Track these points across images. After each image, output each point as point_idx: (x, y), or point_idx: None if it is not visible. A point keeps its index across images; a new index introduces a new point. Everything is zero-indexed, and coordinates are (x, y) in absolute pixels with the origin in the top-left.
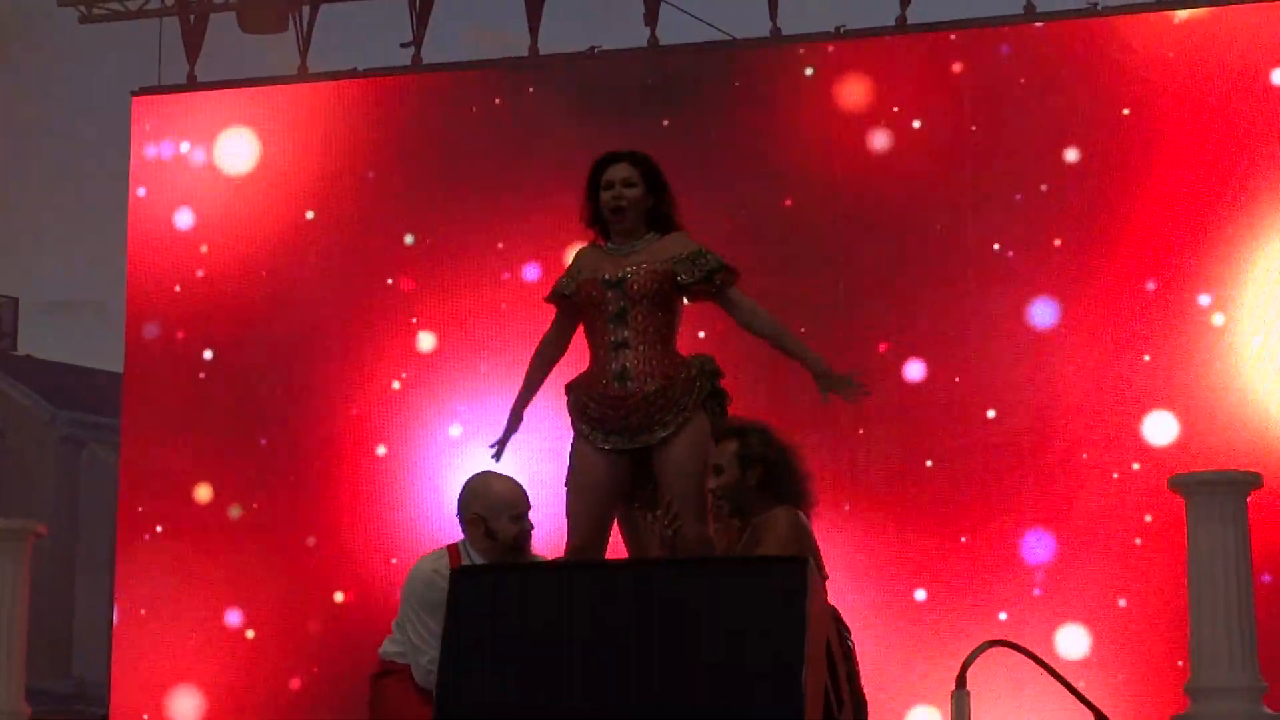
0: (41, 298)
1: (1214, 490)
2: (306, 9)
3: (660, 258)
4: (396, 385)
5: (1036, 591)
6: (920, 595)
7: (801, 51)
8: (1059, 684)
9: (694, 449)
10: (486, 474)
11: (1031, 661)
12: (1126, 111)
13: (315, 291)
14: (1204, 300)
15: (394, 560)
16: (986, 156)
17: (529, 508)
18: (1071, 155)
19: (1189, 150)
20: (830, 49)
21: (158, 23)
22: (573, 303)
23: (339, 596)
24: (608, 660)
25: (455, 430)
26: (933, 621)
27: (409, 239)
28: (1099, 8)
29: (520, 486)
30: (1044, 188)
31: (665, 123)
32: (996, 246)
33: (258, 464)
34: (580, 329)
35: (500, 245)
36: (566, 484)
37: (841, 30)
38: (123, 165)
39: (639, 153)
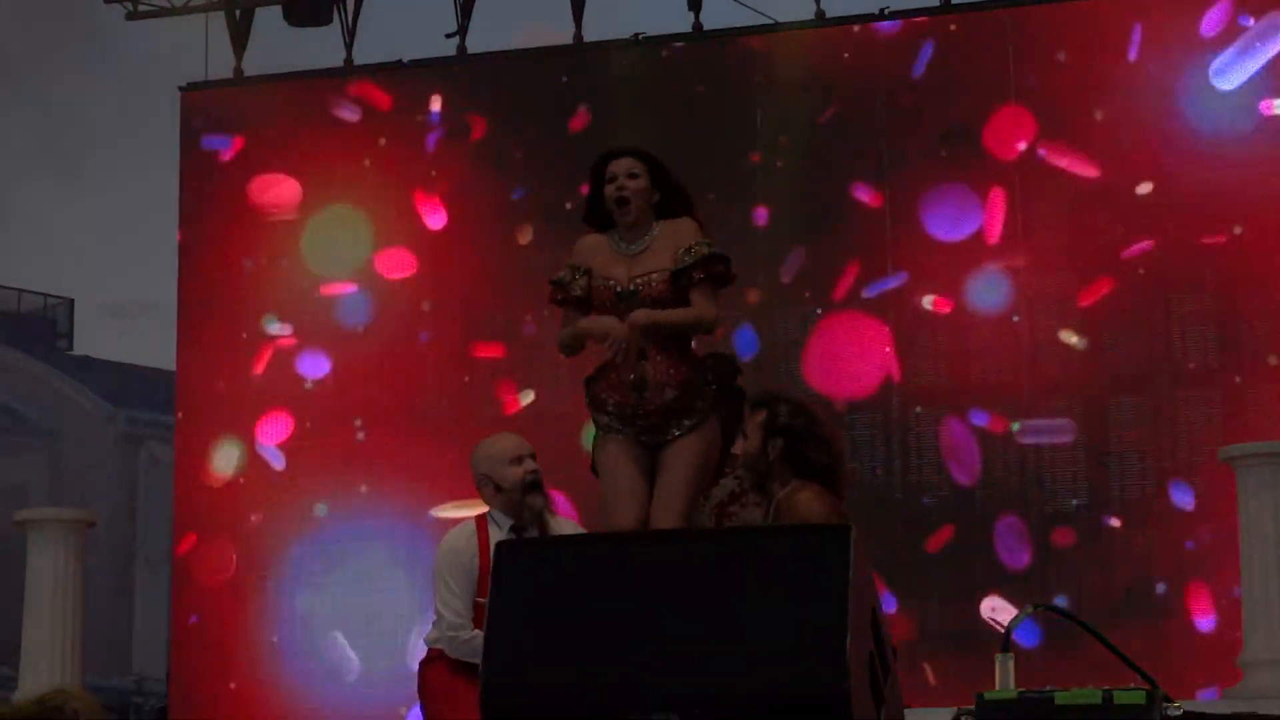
0: (97, 298)
1: (1263, 461)
2: (350, 1)
3: (666, 256)
4: None
5: None
6: None
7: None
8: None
9: (698, 449)
10: (483, 440)
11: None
12: None
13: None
14: None
15: None
16: None
17: (530, 451)
18: None
19: None
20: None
21: (204, 18)
22: (585, 302)
23: None
24: (651, 632)
25: None
26: None
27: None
28: None
29: (514, 435)
30: None
31: None
32: None
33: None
34: None
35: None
36: (594, 470)
37: None
38: (174, 161)
39: (642, 148)
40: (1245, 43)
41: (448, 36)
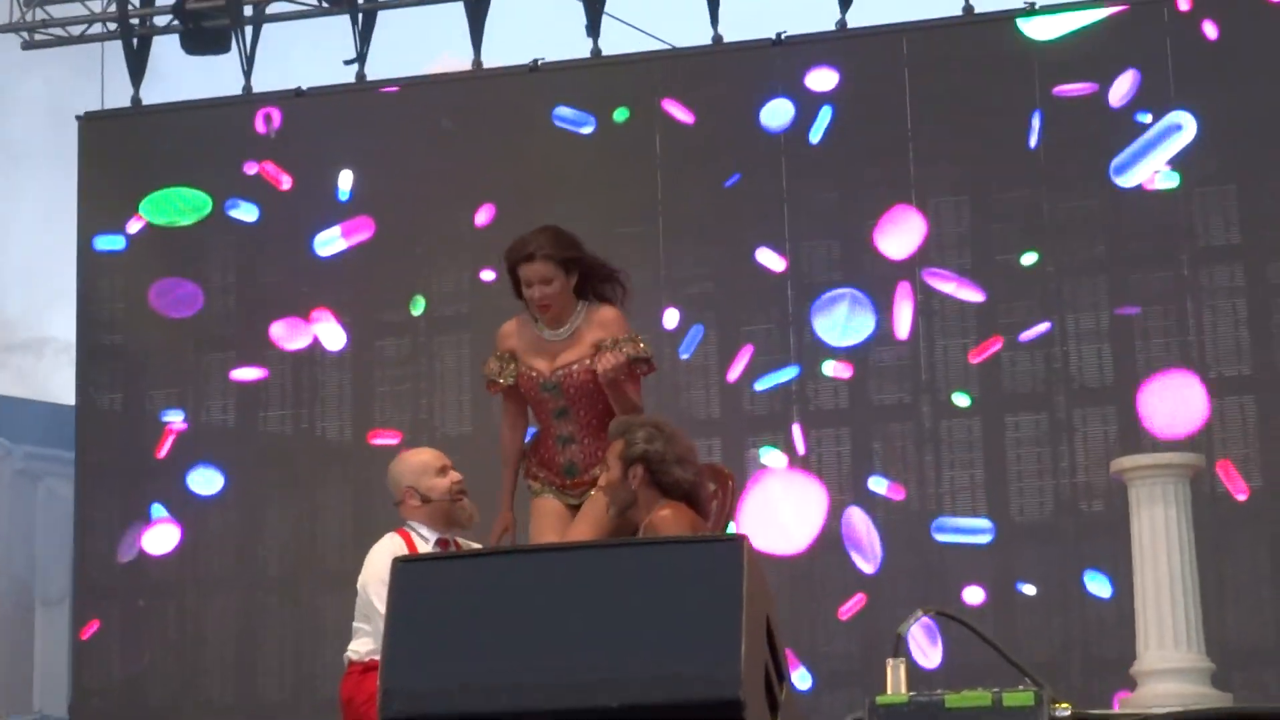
0: None
1: (1155, 475)
2: (249, 29)
3: (586, 350)
4: None
5: None
6: None
7: None
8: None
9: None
10: (398, 456)
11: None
12: None
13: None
14: None
15: None
16: None
17: (450, 463)
18: None
19: None
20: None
21: (100, 47)
22: (515, 389)
23: None
24: (547, 643)
25: None
26: None
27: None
28: None
29: (431, 449)
30: None
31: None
32: None
33: None
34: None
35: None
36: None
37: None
38: (71, 191)
39: (544, 244)
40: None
41: (346, 64)
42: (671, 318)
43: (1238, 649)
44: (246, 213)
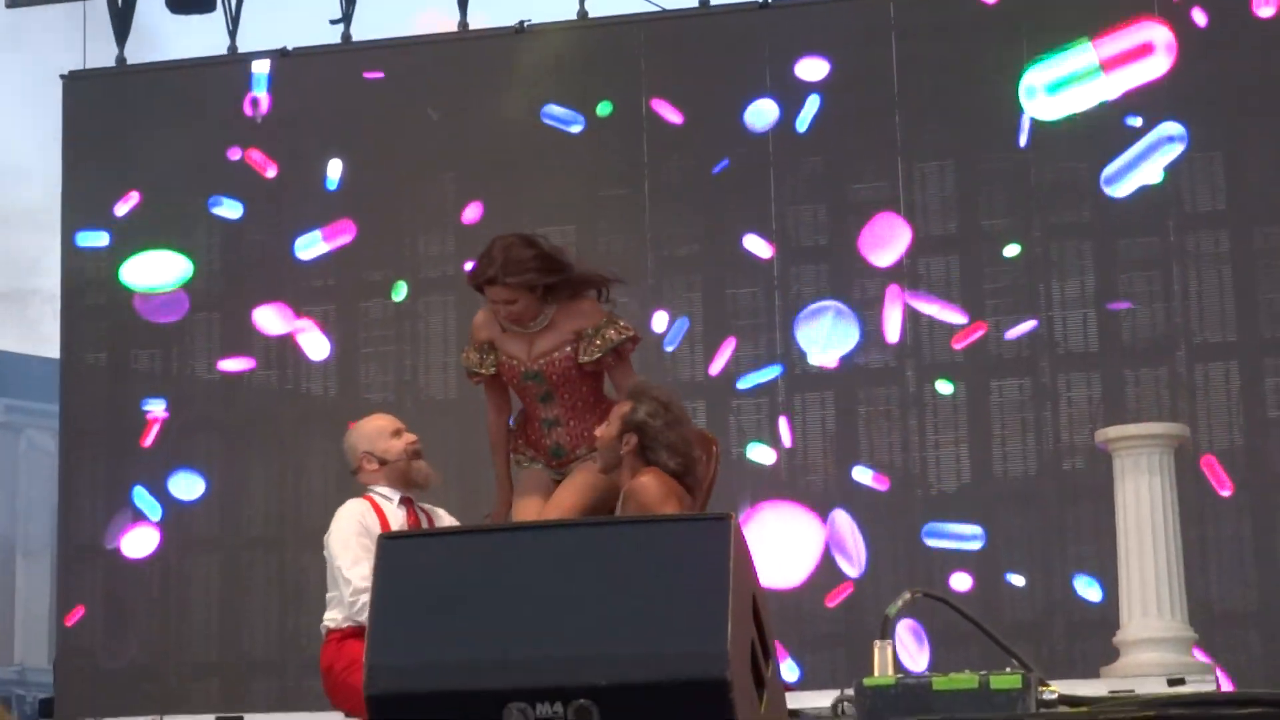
0: None
1: (1140, 445)
2: None
3: (566, 336)
4: None
5: None
6: None
7: None
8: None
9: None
10: (355, 424)
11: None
12: None
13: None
14: None
15: None
16: None
17: (403, 425)
18: None
19: None
20: None
21: (83, 6)
22: (498, 378)
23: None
24: (533, 620)
25: None
26: None
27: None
28: None
29: (386, 415)
30: None
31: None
32: None
33: None
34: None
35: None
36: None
37: None
38: (56, 149)
39: (499, 268)
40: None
41: (333, 23)
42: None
43: (1221, 613)
44: (230, 210)
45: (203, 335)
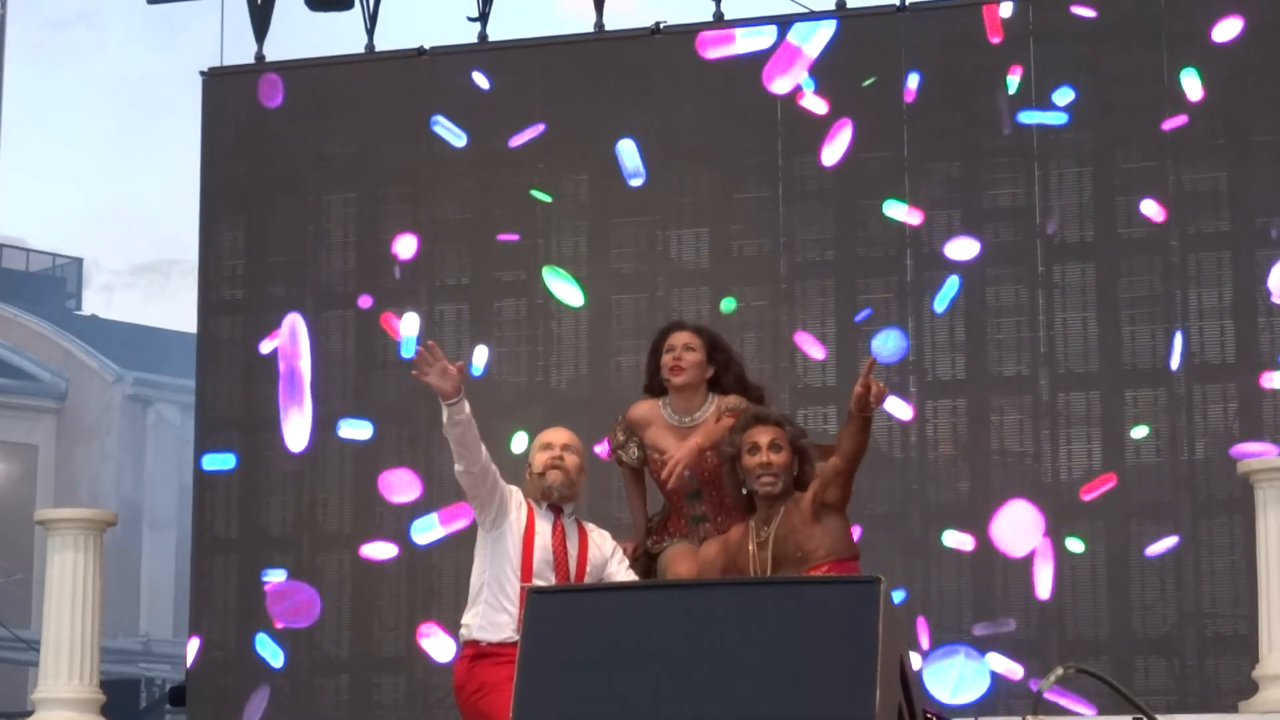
0: (105, 260)
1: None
2: None
3: (719, 433)
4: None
5: None
6: None
7: None
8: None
9: None
10: None
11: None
12: None
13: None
14: None
15: None
16: None
17: (563, 441)
18: None
19: None
20: None
21: (220, 2)
22: (638, 471)
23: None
24: (679, 682)
25: None
26: None
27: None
28: None
29: (561, 429)
30: None
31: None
32: None
33: None
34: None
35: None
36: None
37: None
38: (194, 141)
39: (702, 325)
40: None
41: (470, 20)
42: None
43: None
44: None
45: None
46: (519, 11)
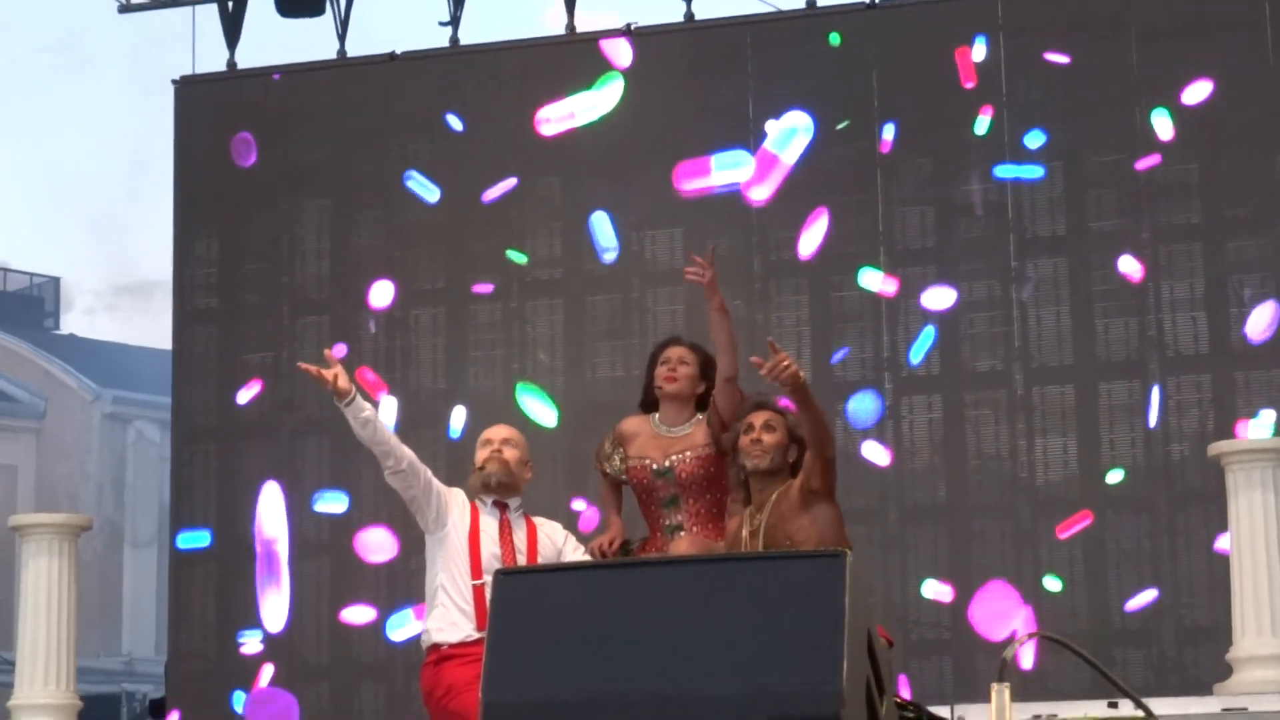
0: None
1: (1254, 460)
2: None
3: (700, 438)
4: None
5: None
6: None
7: None
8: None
9: None
10: None
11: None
12: None
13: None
14: None
15: None
16: None
17: (502, 436)
18: None
19: None
20: None
21: (191, 10)
22: (616, 480)
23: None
24: (648, 658)
25: None
26: None
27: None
28: None
29: (501, 425)
30: None
31: None
32: None
33: None
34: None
35: None
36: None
37: None
38: (166, 151)
39: (698, 344)
40: None
41: (441, 25)
42: None
43: None
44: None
45: (313, 335)
46: (491, 13)
